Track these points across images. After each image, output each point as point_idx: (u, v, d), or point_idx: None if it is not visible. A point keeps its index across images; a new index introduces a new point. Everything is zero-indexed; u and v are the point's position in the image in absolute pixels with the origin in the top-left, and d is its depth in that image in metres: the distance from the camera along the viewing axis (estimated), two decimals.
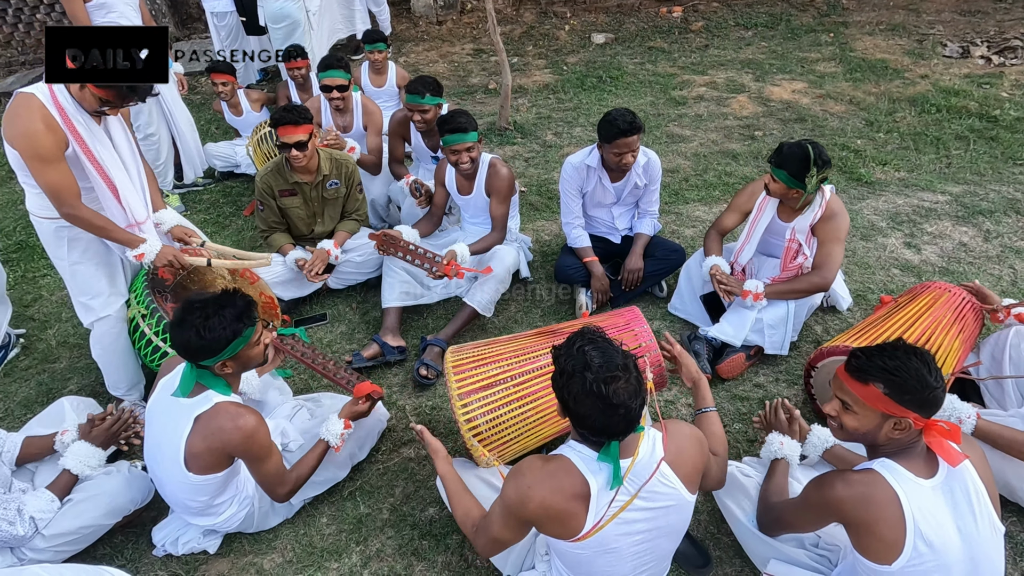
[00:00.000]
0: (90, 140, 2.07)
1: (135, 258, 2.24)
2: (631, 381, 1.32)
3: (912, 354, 1.36)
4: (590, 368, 1.30)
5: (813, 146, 2.27)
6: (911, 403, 1.34)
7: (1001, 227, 3.32)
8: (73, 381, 2.76)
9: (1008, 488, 1.87)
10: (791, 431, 1.83)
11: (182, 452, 1.73)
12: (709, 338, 2.57)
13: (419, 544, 2.01)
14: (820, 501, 1.41)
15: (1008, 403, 2.11)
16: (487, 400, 1.91)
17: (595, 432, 1.34)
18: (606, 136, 2.65)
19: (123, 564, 1.99)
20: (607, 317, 2.09)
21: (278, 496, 1.90)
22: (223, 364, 1.76)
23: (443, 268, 2.66)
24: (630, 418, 1.32)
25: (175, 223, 2.51)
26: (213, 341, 1.68)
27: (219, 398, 1.75)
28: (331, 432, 1.99)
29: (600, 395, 1.28)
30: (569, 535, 1.41)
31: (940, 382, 1.34)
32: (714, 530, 1.98)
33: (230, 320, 1.70)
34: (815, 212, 2.41)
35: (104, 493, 1.96)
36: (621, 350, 1.38)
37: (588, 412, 1.31)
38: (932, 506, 1.32)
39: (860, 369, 1.39)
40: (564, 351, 1.39)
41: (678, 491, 1.44)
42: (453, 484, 1.74)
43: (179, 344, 1.70)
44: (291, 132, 2.72)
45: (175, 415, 1.75)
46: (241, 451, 1.77)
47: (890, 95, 5.07)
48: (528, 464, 1.44)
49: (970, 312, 2.31)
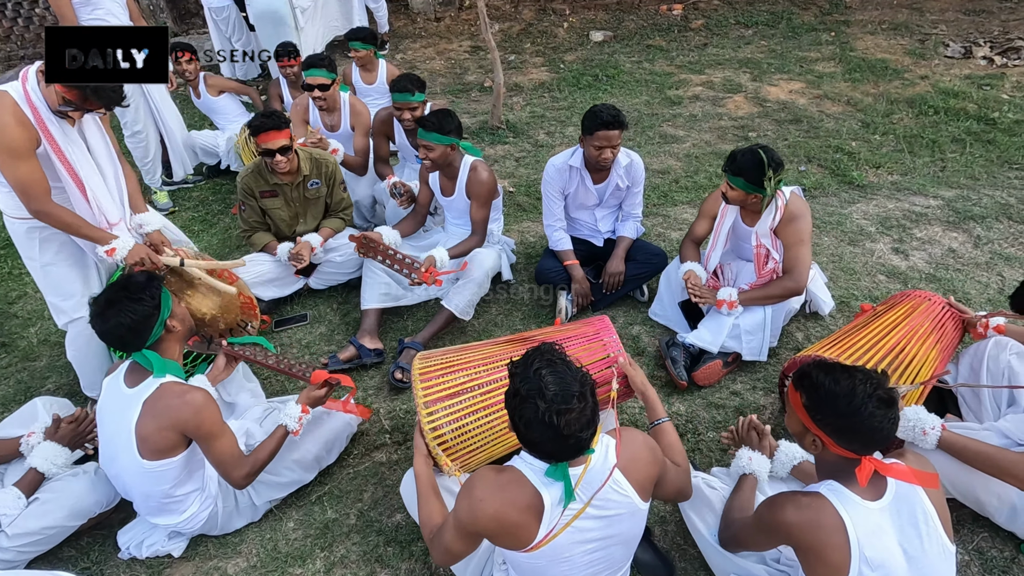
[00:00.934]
0: (62, 140, 2.07)
1: (106, 254, 2.23)
2: (585, 411, 1.29)
3: (854, 380, 1.32)
4: (544, 396, 1.28)
5: (764, 150, 2.27)
6: (823, 424, 1.34)
7: (992, 233, 3.27)
8: (51, 380, 2.77)
9: (978, 503, 1.84)
10: (761, 447, 1.81)
11: (133, 439, 1.74)
12: (686, 344, 2.55)
13: (384, 551, 2.00)
14: (771, 523, 1.39)
15: (984, 415, 2.08)
16: (453, 409, 1.88)
17: (543, 456, 1.34)
18: (588, 127, 2.63)
19: (88, 566, 1.99)
20: (577, 326, 2.06)
21: (235, 480, 1.88)
22: (171, 325, 1.82)
23: (421, 275, 2.65)
24: (580, 447, 1.31)
25: (157, 227, 2.50)
26: (146, 308, 1.75)
27: (162, 380, 1.78)
28: (289, 416, 1.99)
29: (552, 426, 1.26)
30: (521, 546, 1.39)
31: (874, 419, 1.29)
32: (680, 541, 1.96)
33: (143, 286, 1.78)
34: (772, 215, 2.39)
35: (69, 494, 1.96)
36: (579, 374, 1.34)
37: (538, 440, 1.30)
38: (878, 529, 1.30)
39: (798, 374, 1.41)
40: (520, 371, 1.36)
41: (631, 499, 1.42)
42: (424, 485, 1.73)
43: (112, 334, 1.74)
44: (273, 138, 2.71)
45: (123, 406, 1.77)
46: (192, 426, 1.76)
47: (888, 96, 5.00)
48: (480, 476, 1.43)
49: (950, 321, 2.27)
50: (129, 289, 1.76)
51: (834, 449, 1.36)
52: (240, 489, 1.98)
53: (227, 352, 2.14)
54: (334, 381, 2.07)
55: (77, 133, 2.16)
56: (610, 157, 2.68)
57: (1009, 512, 1.78)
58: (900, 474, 1.34)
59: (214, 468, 1.88)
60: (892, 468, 1.34)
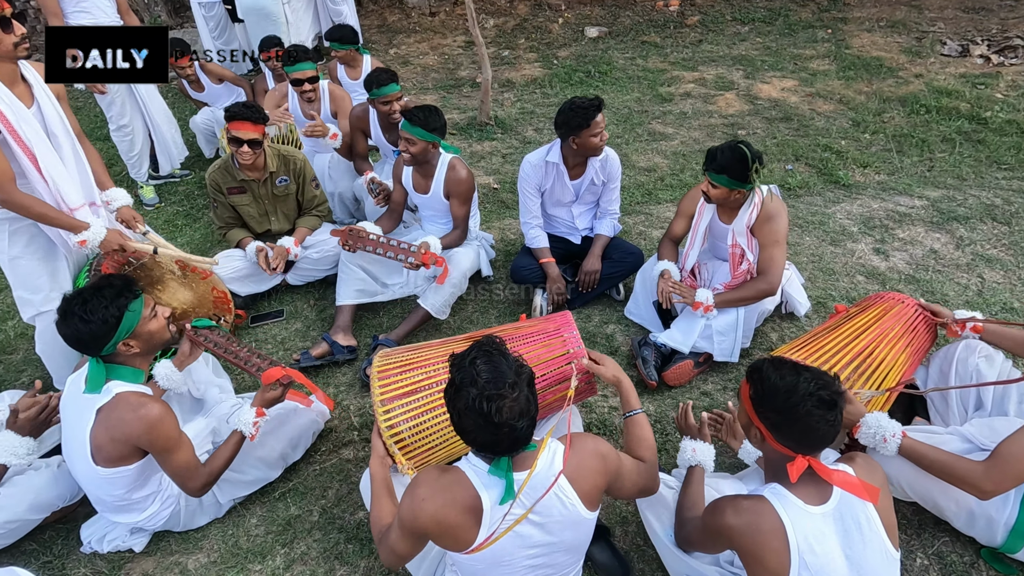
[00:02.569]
0: (15, 121, 2.04)
1: (78, 244, 2.22)
2: (519, 400, 1.28)
3: (799, 378, 1.31)
4: (476, 384, 1.28)
5: (745, 145, 2.26)
6: (763, 417, 1.36)
7: (975, 234, 3.24)
8: (26, 373, 2.78)
9: (937, 508, 1.82)
10: (702, 435, 1.79)
11: (88, 446, 1.74)
12: (658, 344, 2.53)
13: (344, 548, 2.00)
14: (713, 527, 1.38)
15: (951, 418, 2.06)
16: (410, 407, 1.87)
17: (479, 448, 1.33)
18: (583, 121, 2.59)
19: (50, 560, 2.00)
20: (538, 322, 2.05)
21: (190, 490, 1.87)
22: (126, 345, 1.76)
23: (421, 256, 2.63)
24: (516, 437, 1.29)
25: (124, 203, 2.49)
26: (101, 323, 1.69)
27: (120, 388, 1.75)
28: (243, 421, 1.95)
29: (482, 412, 1.25)
30: (461, 548, 1.39)
31: (811, 418, 1.29)
32: (640, 542, 1.96)
33: (111, 298, 1.71)
34: (749, 212, 2.37)
35: (30, 488, 1.96)
36: (516, 365, 1.34)
37: (470, 428, 1.29)
38: (819, 534, 1.29)
39: (751, 367, 1.42)
40: (458, 363, 1.36)
41: (576, 507, 1.41)
42: (378, 485, 1.71)
43: (70, 338, 1.70)
44: (246, 128, 2.70)
45: (80, 410, 1.76)
46: (145, 441, 1.75)
47: (881, 94, 4.95)
48: (424, 476, 1.42)
49: (922, 324, 2.25)
50: (95, 296, 1.70)
51: (772, 444, 1.37)
52: (197, 498, 1.97)
53: (190, 337, 2.13)
54: (286, 380, 2.03)
55: (33, 113, 2.12)
56: (606, 136, 2.69)
57: (967, 517, 1.76)
58: (843, 483, 1.32)
59: (171, 479, 1.87)
60: (834, 475, 1.33)
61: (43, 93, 2.20)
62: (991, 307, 2.74)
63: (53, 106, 2.21)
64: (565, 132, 2.67)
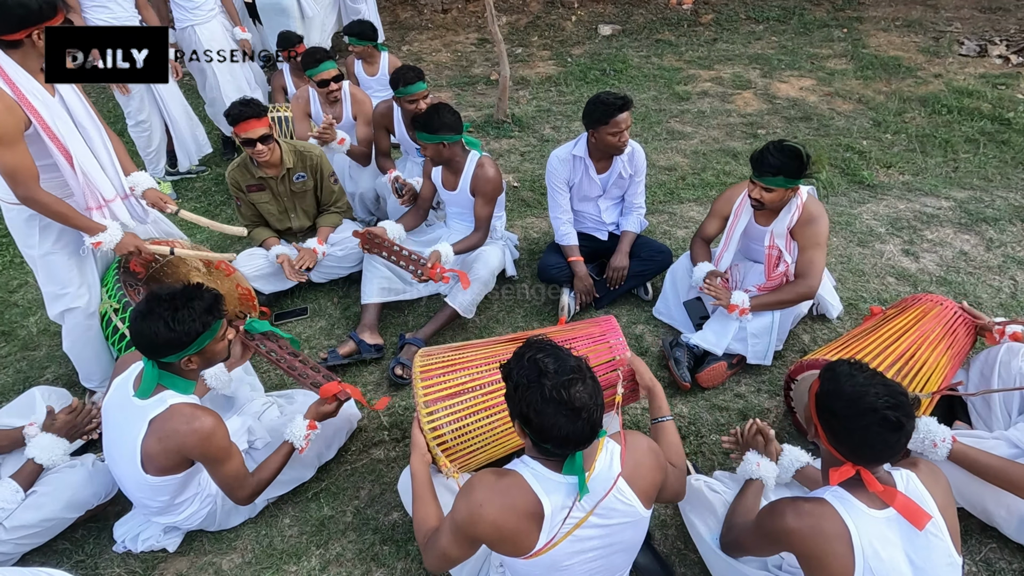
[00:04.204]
0: (48, 116, 2.02)
1: (92, 245, 2.19)
2: (588, 384, 1.27)
3: (869, 389, 1.27)
4: (546, 375, 1.25)
5: (794, 144, 2.23)
6: (822, 418, 1.34)
7: (1005, 236, 3.21)
8: (50, 370, 2.76)
9: (986, 514, 1.80)
10: (767, 452, 1.77)
11: (138, 455, 1.71)
12: (691, 345, 2.51)
13: (379, 549, 1.98)
14: (771, 529, 1.35)
15: (995, 423, 2.03)
16: (454, 409, 1.85)
17: (560, 443, 1.27)
18: (602, 116, 2.59)
19: (83, 559, 1.98)
20: (584, 325, 2.02)
21: (238, 499, 1.87)
22: (188, 360, 1.72)
23: (428, 271, 2.61)
24: (593, 422, 1.26)
25: (148, 186, 2.45)
26: (183, 334, 1.65)
27: (174, 399, 1.72)
28: (295, 434, 1.95)
29: (562, 400, 1.23)
30: (521, 553, 1.36)
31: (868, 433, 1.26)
32: (681, 546, 1.93)
33: (200, 312, 1.67)
34: (791, 214, 2.34)
35: (66, 486, 1.95)
36: (571, 354, 1.32)
37: (552, 422, 1.24)
38: (884, 539, 1.26)
39: (829, 364, 1.39)
40: (514, 365, 1.33)
41: (634, 507, 1.39)
42: (421, 485, 1.69)
43: (145, 337, 1.64)
44: (253, 126, 2.66)
45: (130, 416, 1.72)
46: (198, 454, 1.73)
47: (901, 94, 4.92)
48: (480, 480, 1.40)
49: (961, 327, 2.22)
50: (186, 307, 1.65)
51: (826, 445, 1.36)
52: (243, 506, 1.95)
53: (242, 341, 2.11)
54: (344, 397, 2.03)
55: (59, 105, 2.09)
56: (627, 139, 2.68)
57: (1018, 524, 1.74)
58: (899, 504, 1.29)
59: (219, 488, 1.86)
60: (886, 492, 1.29)
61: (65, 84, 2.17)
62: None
63: (76, 96, 2.18)
64: (587, 123, 2.67)
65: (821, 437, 1.37)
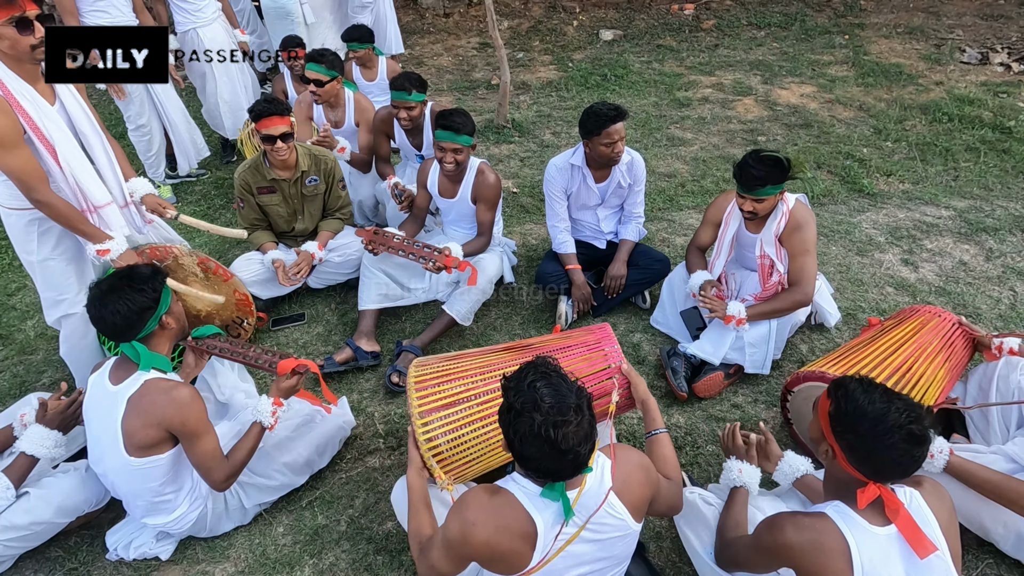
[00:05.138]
0: (38, 118, 2.01)
1: (97, 253, 2.19)
2: (583, 425, 1.25)
3: (890, 407, 1.25)
4: (539, 409, 1.24)
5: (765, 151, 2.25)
6: (841, 437, 1.31)
7: (1005, 246, 3.20)
8: (47, 374, 2.76)
9: (983, 529, 1.78)
10: (749, 456, 1.76)
11: (120, 436, 1.73)
12: (688, 355, 2.50)
13: (374, 559, 1.97)
14: (770, 544, 1.34)
15: (992, 437, 2.02)
16: (449, 419, 1.84)
17: (540, 474, 1.30)
18: (595, 127, 2.59)
19: (75, 567, 1.97)
20: (579, 334, 2.02)
21: (215, 481, 1.86)
22: (166, 321, 1.82)
23: (443, 260, 2.60)
24: (578, 463, 1.27)
25: (147, 192, 2.47)
26: (151, 290, 1.76)
27: (148, 376, 1.76)
28: (261, 412, 1.94)
29: (548, 439, 1.22)
30: (514, 571, 1.36)
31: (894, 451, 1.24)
32: (675, 558, 1.92)
33: (149, 276, 1.79)
34: (778, 220, 2.34)
35: (58, 491, 1.94)
36: (576, 388, 1.31)
37: (534, 455, 1.25)
38: (884, 557, 1.25)
39: (836, 382, 1.37)
40: (514, 385, 1.32)
41: (625, 521, 1.40)
42: (417, 496, 1.68)
43: (109, 320, 1.72)
44: (275, 123, 2.67)
45: (108, 404, 1.76)
46: (177, 423, 1.75)
47: (902, 102, 4.91)
48: (473, 498, 1.39)
49: (959, 340, 2.21)
50: (132, 279, 1.77)
51: (844, 464, 1.32)
52: (220, 491, 1.95)
53: (191, 348, 2.11)
54: (302, 369, 2.01)
55: (56, 110, 2.09)
56: (622, 149, 2.68)
57: (1015, 540, 1.73)
58: (903, 524, 1.28)
59: (195, 469, 1.86)
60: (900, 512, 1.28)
61: (66, 90, 2.17)
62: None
63: (77, 102, 2.18)
64: (582, 133, 2.68)
65: (839, 458, 1.33)
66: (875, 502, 1.30)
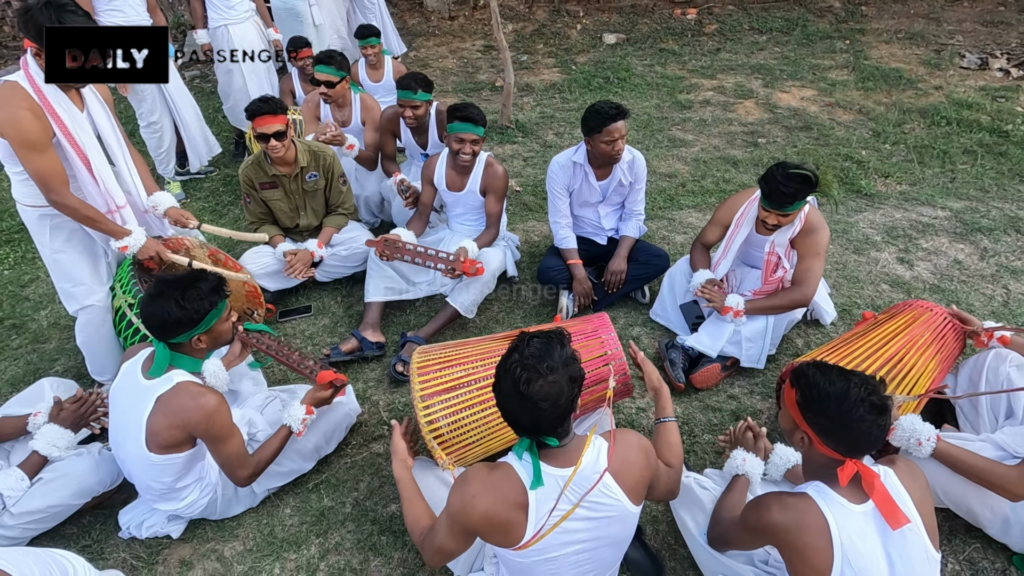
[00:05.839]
0: (72, 126, 2.11)
1: (119, 249, 2.28)
2: (552, 384, 1.30)
3: (849, 383, 1.33)
4: (520, 352, 1.33)
5: (791, 165, 2.24)
6: (813, 422, 1.36)
7: (999, 246, 3.25)
8: (60, 362, 2.82)
9: (971, 514, 1.83)
10: (755, 448, 1.81)
11: (143, 432, 1.77)
12: (686, 347, 2.56)
13: (378, 539, 2.03)
14: (756, 523, 1.40)
15: (982, 426, 2.07)
16: (449, 403, 1.91)
17: (510, 420, 1.36)
18: (596, 125, 2.65)
19: (89, 544, 2.04)
20: (576, 322, 2.08)
21: (238, 479, 1.92)
22: (198, 339, 1.82)
23: (461, 266, 2.66)
24: (536, 416, 1.31)
25: (170, 205, 2.55)
26: (192, 312, 1.75)
27: (181, 377, 1.80)
28: (293, 417, 2.02)
29: (515, 379, 1.29)
30: (510, 544, 1.41)
31: (863, 423, 1.30)
32: (672, 541, 1.98)
33: (207, 292, 1.79)
34: (795, 225, 2.38)
35: (73, 474, 2.00)
36: (568, 357, 1.35)
37: (503, 390, 1.33)
38: (862, 532, 1.31)
39: (795, 372, 1.43)
40: (516, 341, 1.39)
41: (621, 502, 1.43)
42: (406, 489, 1.73)
43: (156, 317, 1.74)
44: (269, 122, 2.73)
45: (138, 396, 1.79)
46: (202, 430, 1.79)
47: (901, 105, 4.97)
48: (473, 473, 1.45)
49: (951, 332, 2.26)
50: (193, 287, 1.77)
51: (820, 448, 1.38)
52: (242, 487, 2.01)
53: (241, 339, 2.18)
54: (339, 383, 2.10)
55: (85, 118, 2.19)
56: (622, 148, 2.73)
57: (1002, 524, 1.78)
58: (879, 497, 1.33)
59: (219, 467, 1.92)
60: (875, 486, 1.34)
61: (92, 96, 2.26)
62: (1017, 318, 2.75)
63: (102, 108, 2.28)
64: (584, 131, 2.74)
65: (814, 443, 1.39)
66: (853, 479, 1.36)
